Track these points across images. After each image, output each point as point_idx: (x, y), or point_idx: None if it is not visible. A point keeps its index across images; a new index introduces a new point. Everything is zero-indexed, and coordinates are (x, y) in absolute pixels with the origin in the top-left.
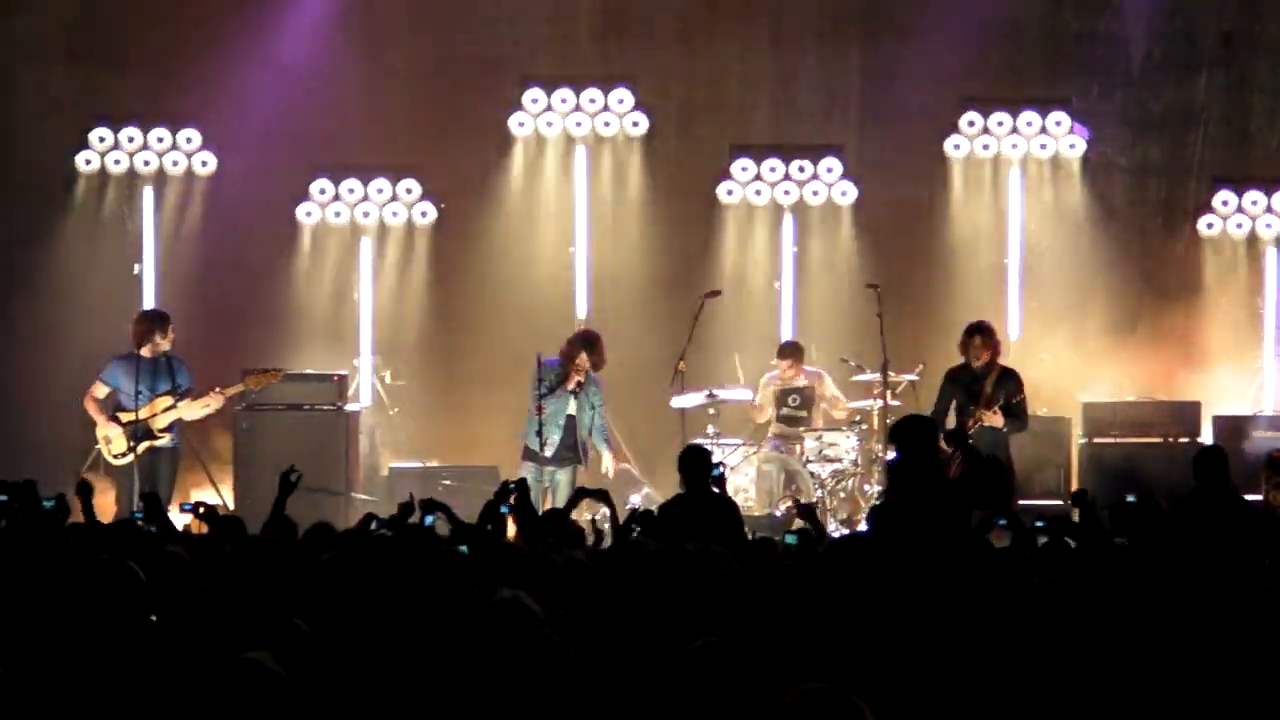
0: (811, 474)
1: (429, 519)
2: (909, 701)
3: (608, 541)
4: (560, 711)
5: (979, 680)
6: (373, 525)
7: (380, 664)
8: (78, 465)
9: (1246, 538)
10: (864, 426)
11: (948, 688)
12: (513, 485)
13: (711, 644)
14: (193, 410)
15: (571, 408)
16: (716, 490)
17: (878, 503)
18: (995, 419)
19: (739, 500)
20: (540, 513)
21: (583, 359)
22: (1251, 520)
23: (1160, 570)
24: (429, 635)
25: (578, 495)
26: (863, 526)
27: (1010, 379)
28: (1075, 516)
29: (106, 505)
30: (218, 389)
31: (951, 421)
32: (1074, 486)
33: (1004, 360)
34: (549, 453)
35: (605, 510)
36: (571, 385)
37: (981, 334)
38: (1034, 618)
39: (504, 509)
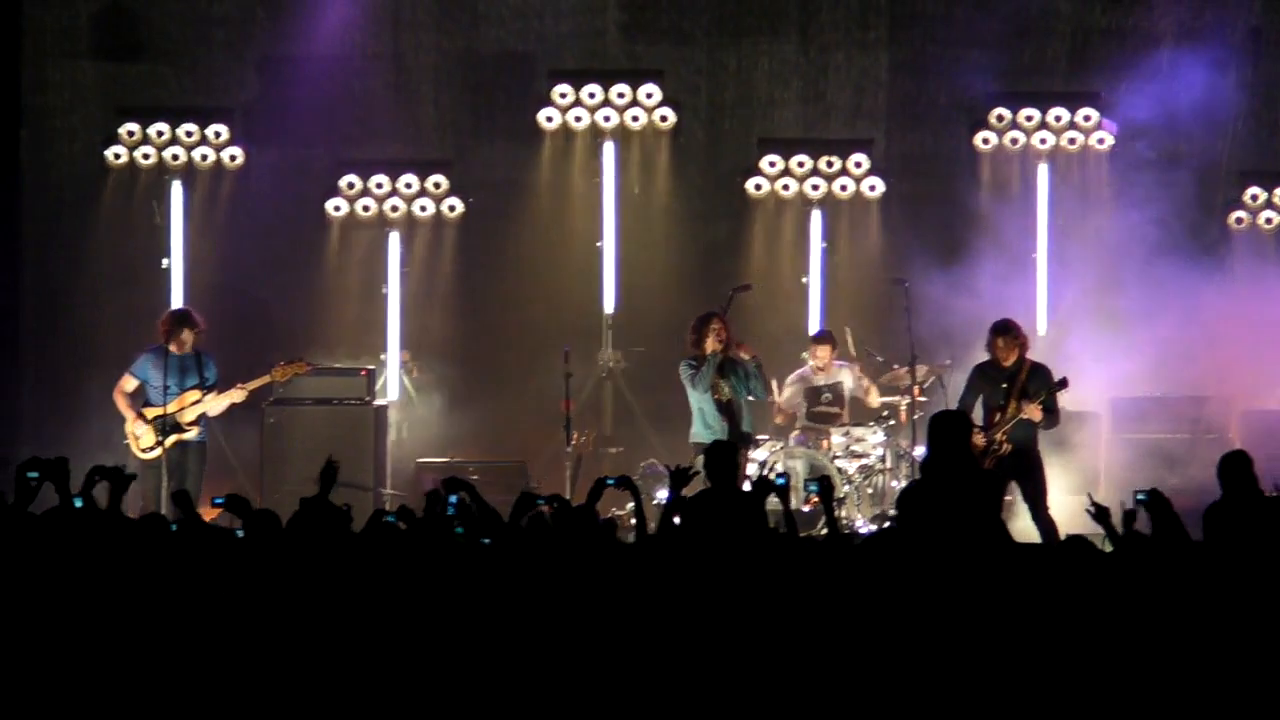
0: (839, 470)
1: (452, 499)
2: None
3: (629, 532)
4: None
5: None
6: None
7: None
8: (110, 457)
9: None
10: (892, 422)
11: (967, 677)
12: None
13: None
14: (218, 404)
15: (724, 393)
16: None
17: (909, 484)
18: (1035, 412)
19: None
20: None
21: (708, 343)
22: None
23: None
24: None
25: (598, 486)
26: (891, 511)
27: (1042, 374)
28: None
29: (133, 501)
30: (239, 385)
31: (978, 415)
32: (1102, 481)
33: (1032, 355)
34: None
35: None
36: (710, 349)
37: (1006, 334)
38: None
39: (539, 501)
